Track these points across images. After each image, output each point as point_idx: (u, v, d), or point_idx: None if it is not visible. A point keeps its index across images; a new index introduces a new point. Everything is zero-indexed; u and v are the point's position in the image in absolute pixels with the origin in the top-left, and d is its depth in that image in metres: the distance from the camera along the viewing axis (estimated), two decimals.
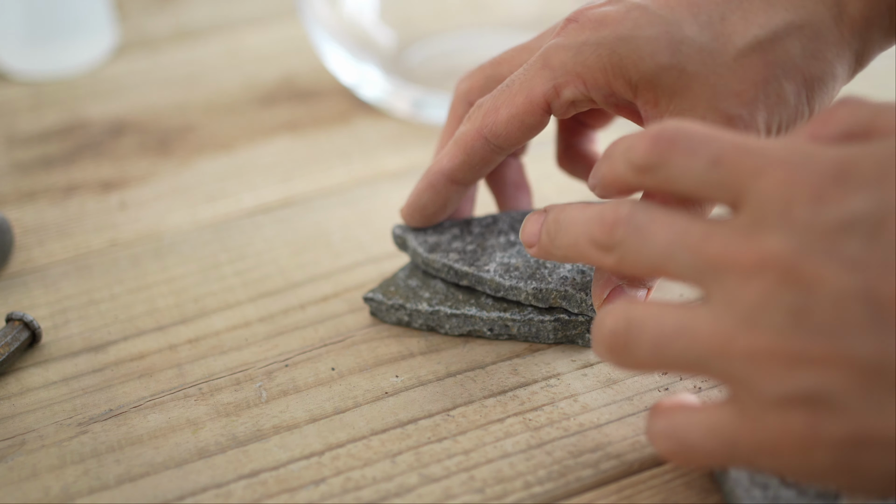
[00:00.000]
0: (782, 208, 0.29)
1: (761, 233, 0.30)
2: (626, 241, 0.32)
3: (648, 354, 0.31)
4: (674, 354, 0.31)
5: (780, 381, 0.29)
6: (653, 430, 0.33)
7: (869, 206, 0.29)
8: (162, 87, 0.63)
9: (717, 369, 0.30)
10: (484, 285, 0.41)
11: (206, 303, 0.45)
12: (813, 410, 0.29)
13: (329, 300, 0.45)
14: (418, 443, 0.38)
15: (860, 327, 0.28)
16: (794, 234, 0.29)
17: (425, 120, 0.58)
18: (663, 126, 0.32)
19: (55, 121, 0.59)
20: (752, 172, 0.30)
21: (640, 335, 0.31)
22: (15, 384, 0.41)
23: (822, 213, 0.29)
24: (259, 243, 0.49)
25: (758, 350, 0.29)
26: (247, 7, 0.72)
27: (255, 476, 0.36)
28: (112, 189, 0.53)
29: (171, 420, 0.39)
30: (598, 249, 0.33)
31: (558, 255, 0.36)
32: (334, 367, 0.41)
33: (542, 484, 0.36)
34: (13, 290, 0.47)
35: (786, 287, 0.29)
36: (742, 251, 0.30)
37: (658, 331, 0.31)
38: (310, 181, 0.53)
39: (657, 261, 0.31)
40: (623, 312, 0.32)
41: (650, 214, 0.32)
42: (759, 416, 0.29)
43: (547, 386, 0.40)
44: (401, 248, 0.44)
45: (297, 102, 0.60)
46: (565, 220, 0.35)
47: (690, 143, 0.31)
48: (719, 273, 0.30)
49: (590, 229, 0.33)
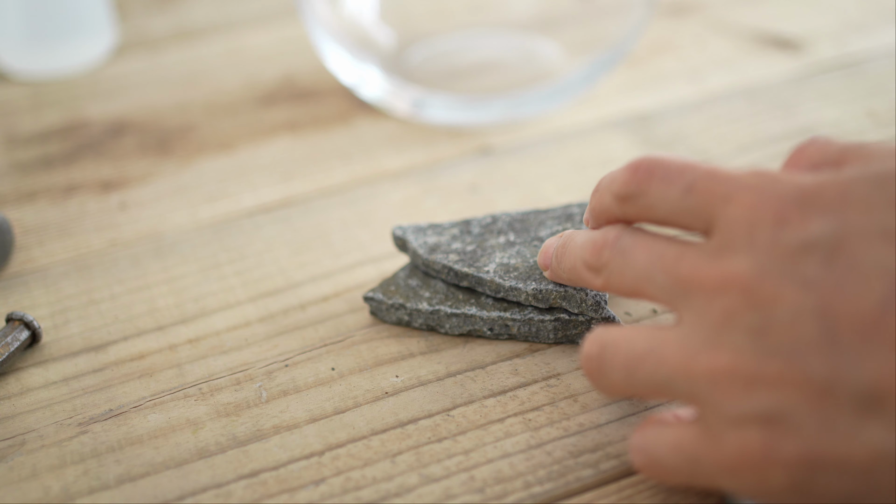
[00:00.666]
0: (747, 231, 0.30)
1: (726, 254, 0.30)
2: (612, 263, 0.34)
3: (621, 378, 0.32)
4: (643, 377, 0.32)
5: (739, 401, 0.29)
6: (631, 445, 0.34)
7: (828, 229, 0.29)
8: (162, 87, 0.63)
9: (682, 390, 0.31)
10: (484, 286, 0.41)
11: (206, 303, 0.45)
12: (769, 430, 0.29)
13: (329, 300, 0.45)
14: (418, 443, 0.38)
15: (814, 346, 0.29)
16: (756, 255, 0.30)
17: (425, 120, 0.58)
18: (642, 158, 0.34)
19: (55, 121, 0.59)
20: (723, 198, 0.31)
21: (612, 358, 0.33)
22: (15, 384, 0.41)
23: (783, 235, 0.30)
24: (259, 243, 0.49)
25: (718, 369, 0.30)
26: (247, 7, 0.72)
27: (255, 476, 0.36)
28: (112, 189, 0.53)
29: (171, 420, 0.39)
30: (589, 271, 0.35)
31: (564, 277, 0.38)
32: (334, 367, 0.41)
33: (542, 484, 0.36)
34: (13, 290, 0.47)
35: (747, 307, 0.30)
36: (708, 271, 0.31)
37: (629, 353, 0.32)
38: (310, 181, 0.53)
39: (638, 282, 0.33)
40: (599, 337, 0.33)
41: (634, 238, 0.34)
42: (719, 435, 0.30)
43: (547, 386, 0.40)
44: (401, 249, 0.44)
45: (297, 102, 0.60)
46: (569, 245, 0.37)
47: (667, 172, 0.33)
48: (688, 293, 0.31)
49: (583, 253, 0.35)
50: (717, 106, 0.58)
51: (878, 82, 0.59)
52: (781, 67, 0.61)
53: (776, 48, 0.63)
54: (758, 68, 0.61)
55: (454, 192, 0.52)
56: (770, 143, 0.54)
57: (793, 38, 0.64)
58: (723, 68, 0.61)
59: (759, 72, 0.61)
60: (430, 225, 0.45)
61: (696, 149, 0.54)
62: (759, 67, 0.61)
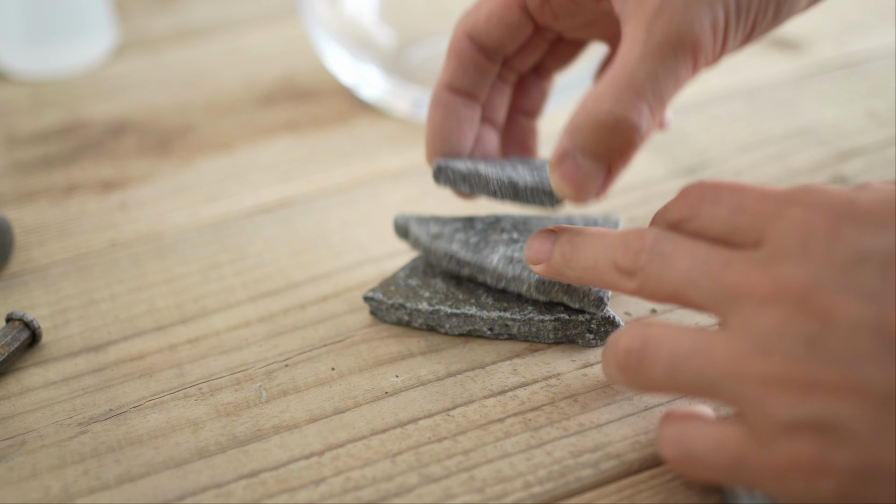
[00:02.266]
0: (800, 242, 0.31)
1: (779, 263, 0.31)
2: (649, 267, 0.33)
3: (662, 374, 0.32)
4: (687, 376, 0.32)
5: (792, 407, 0.29)
6: (662, 435, 0.33)
7: (882, 241, 0.30)
8: (162, 87, 0.63)
9: (730, 392, 0.31)
10: (486, 274, 0.41)
11: (206, 303, 0.45)
12: (822, 437, 0.29)
13: (329, 300, 0.45)
14: (418, 443, 0.38)
15: (872, 358, 0.29)
16: (810, 265, 0.30)
17: (425, 120, 0.58)
18: (692, 184, 0.35)
19: (55, 121, 0.59)
20: (773, 215, 0.32)
21: (655, 355, 0.32)
22: (15, 384, 0.41)
23: (837, 246, 0.30)
24: (259, 243, 0.49)
25: (772, 375, 0.30)
26: (247, 7, 0.72)
27: (255, 476, 0.36)
28: (112, 189, 0.53)
29: (171, 420, 0.39)
30: (619, 273, 0.34)
31: (572, 275, 0.37)
32: (334, 367, 0.41)
33: (542, 484, 0.36)
34: (13, 290, 0.47)
35: (801, 315, 0.30)
36: (760, 280, 0.31)
37: (674, 351, 0.32)
38: (310, 181, 0.53)
39: (678, 287, 0.33)
40: (640, 332, 0.33)
41: (674, 243, 0.33)
42: (768, 439, 0.30)
43: (547, 386, 0.40)
44: (402, 236, 0.44)
45: (297, 102, 0.60)
46: (582, 243, 0.36)
47: (716, 194, 0.33)
48: (737, 300, 0.31)
49: (613, 254, 0.35)
50: (717, 106, 0.58)
51: (878, 82, 0.59)
52: (781, 67, 0.61)
53: (776, 48, 0.63)
54: (758, 68, 0.61)
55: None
56: (770, 143, 0.54)
57: (793, 38, 0.64)
58: (723, 68, 0.61)
59: (759, 72, 0.61)
60: (432, 217, 0.45)
61: (696, 149, 0.54)
62: (759, 67, 0.61)
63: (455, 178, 0.42)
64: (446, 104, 0.42)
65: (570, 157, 0.36)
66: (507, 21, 0.40)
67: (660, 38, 0.34)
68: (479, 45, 0.41)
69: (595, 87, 0.35)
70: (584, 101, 0.36)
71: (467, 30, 0.41)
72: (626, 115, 0.34)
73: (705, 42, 0.35)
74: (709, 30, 0.34)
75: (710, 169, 0.52)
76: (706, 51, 0.35)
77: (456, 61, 0.42)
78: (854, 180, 0.51)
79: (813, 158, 0.53)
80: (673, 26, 0.34)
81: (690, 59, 0.34)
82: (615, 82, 0.34)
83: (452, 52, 0.42)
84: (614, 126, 0.34)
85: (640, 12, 0.35)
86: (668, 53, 0.34)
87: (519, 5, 0.40)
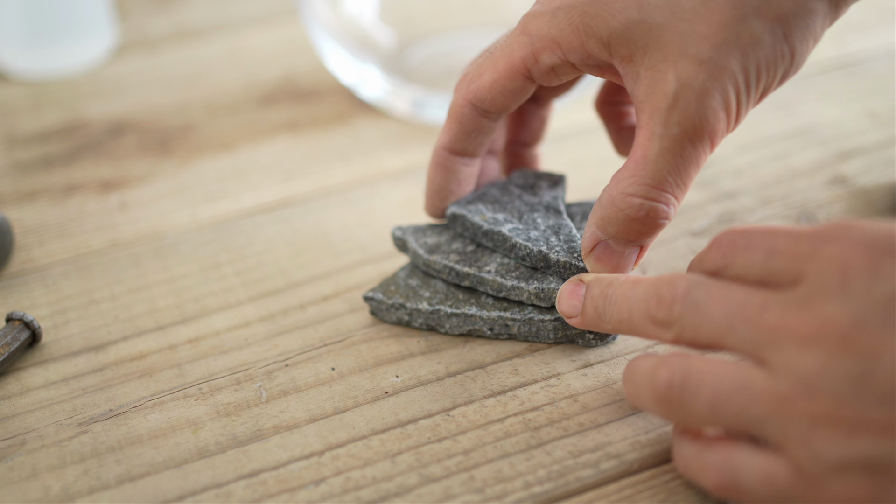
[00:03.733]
0: (839, 280, 0.30)
1: (818, 303, 0.30)
2: (685, 318, 0.33)
3: (705, 410, 0.32)
4: (731, 413, 0.31)
5: (841, 447, 0.29)
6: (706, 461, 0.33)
7: None
8: (162, 87, 0.63)
9: (776, 431, 0.31)
10: (486, 286, 0.41)
11: (206, 303, 0.45)
12: (873, 477, 0.29)
13: (329, 300, 0.45)
14: (418, 443, 0.38)
15: None
16: (851, 304, 0.30)
17: (425, 120, 0.58)
18: (723, 233, 0.34)
19: (55, 121, 0.59)
20: (808, 256, 0.31)
21: (697, 391, 0.32)
22: (15, 384, 0.41)
23: (878, 284, 0.30)
24: (259, 243, 0.49)
25: (818, 414, 0.30)
26: (247, 7, 0.72)
27: (255, 476, 0.37)
28: (112, 189, 0.53)
29: (171, 420, 0.39)
30: (655, 325, 0.34)
31: (608, 328, 0.37)
32: (334, 367, 0.41)
33: (542, 484, 0.36)
34: (13, 290, 0.47)
35: (845, 355, 0.30)
36: (800, 320, 0.30)
37: (717, 388, 0.32)
38: (310, 181, 0.53)
39: (716, 334, 0.32)
40: (681, 366, 0.33)
41: (706, 290, 0.33)
42: (818, 478, 0.30)
43: (547, 386, 0.40)
44: (401, 249, 0.44)
45: (297, 102, 0.60)
46: (615, 296, 0.36)
47: (749, 241, 0.33)
48: (777, 342, 0.31)
49: (646, 306, 0.34)
50: None
51: (878, 82, 0.59)
52: None
53: None
54: None
55: None
56: (770, 143, 0.54)
57: None
58: None
59: None
60: (429, 225, 0.45)
61: None
62: None
63: (475, 232, 0.43)
64: (447, 166, 0.43)
65: (604, 244, 0.39)
66: (511, 89, 0.41)
67: (676, 132, 0.36)
68: (482, 111, 0.42)
69: (619, 181, 0.37)
70: (609, 193, 0.38)
71: (469, 98, 0.41)
72: (655, 207, 0.37)
73: (720, 127, 0.36)
74: (722, 115, 0.36)
75: (710, 168, 0.52)
76: (722, 132, 0.37)
77: (458, 127, 0.42)
78: (854, 180, 0.51)
79: (813, 158, 0.53)
80: (688, 120, 0.36)
81: (708, 144, 0.36)
82: (639, 176, 0.37)
83: (454, 118, 0.42)
84: (644, 218, 0.37)
85: (654, 102, 0.36)
86: (686, 146, 0.36)
87: (523, 75, 0.40)
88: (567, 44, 0.38)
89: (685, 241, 0.47)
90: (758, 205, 0.50)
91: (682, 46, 0.36)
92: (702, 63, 0.35)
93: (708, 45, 0.36)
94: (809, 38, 0.37)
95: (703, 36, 0.36)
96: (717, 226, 0.48)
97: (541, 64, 0.39)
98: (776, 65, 0.36)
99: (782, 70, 0.37)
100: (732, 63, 0.36)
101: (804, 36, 0.36)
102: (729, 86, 0.36)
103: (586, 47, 0.38)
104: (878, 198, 0.50)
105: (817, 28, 0.37)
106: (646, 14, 0.36)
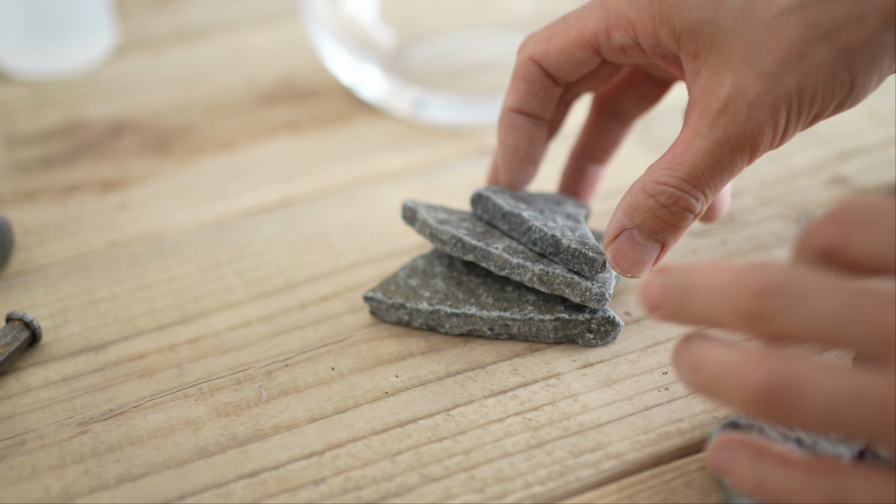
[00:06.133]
0: None
1: None
2: (783, 313, 0.29)
3: (816, 416, 0.29)
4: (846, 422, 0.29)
5: None
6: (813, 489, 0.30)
7: None
8: (162, 87, 0.63)
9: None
10: (490, 261, 0.41)
11: (206, 303, 0.45)
12: None
13: (329, 300, 0.45)
14: (418, 443, 0.38)
15: None
16: None
17: (425, 120, 0.58)
18: (838, 207, 0.30)
19: (55, 121, 0.59)
20: None
21: (807, 395, 0.29)
22: (15, 384, 0.41)
23: None
24: (259, 243, 0.49)
25: None
26: (247, 7, 0.72)
27: (255, 476, 0.37)
28: (112, 189, 0.53)
29: (171, 420, 0.39)
30: (742, 319, 0.30)
31: (689, 321, 0.33)
32: (334, 367, 0.41)
33: (542, 484, 0.36)
34: (13, 290, 0.47)
35: None
36: None
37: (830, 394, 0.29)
38: (310, 181, 0.53)
39: (825, 332, 0.29)
40: (778, 367, 0.29)
41: (806, 282, 0.29)
42: None
43: (547, 386, 0.40)
44: (409, 221, 0.44)
45: (297, 102, 0.61)
46: (693, 285, 0.32)
47: (869, 216, 0.30)
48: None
49: (729, 298, 0.30)
50: None
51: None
52: None
53: None
54: None
55: (454, 192, 0.52)
56: None
57: None
58: None
59: None
60: (441, 206, 0.45)
61: None
62: None
63: (494, 213, 0.43)
64: (518, 126, 0.43)
65: (628, 233, 0.39)
66: (578, 58, 0.41)
67: (721, 136, 0.36)
68: (547, 73, 0.42)
69: (653, 171, 0.37)
70: (641, 182, 0.38)
71: (536, 58, 0.42)
72: (686, 200, 0.37)
73: (763, 141, 0.36)
74: (769, 130, 0.36)
75: None
76: (764, 147, 0.37)
77: (525, 86, 0.42)
78: (854, 180, 0.51)
79: (813, 158, 0.53)
80: (735, 128, 0.36)
81: (748, 155, 0.37)
82: (674, 169, 0.37)
83: (520, 77, 0.42)
84: (672, 208, 0.37)
85: (706, 102, 0.36)
86: (727, 151, 0.36)
87: (593, 46, 0.40)
88: (641, 27, 0.38)
89: (685, 241, 0.47)
90: (758, 204, 0.50)
91: (747, 55, 0.36)
92: (761, 75, 0.36)
93: (771, 59, 0.36)
94: (874, 72, 0.36)
95: (770, 49, 0.36)
96: (717, 226, 0.48)
97: (612, 41, 0.40)
98: (833, 93, 0.36)
99: (839, 99, 0.36)
100: (790, 82, 0.36)
101: (868, 70, 0.36)
102: (782, 103, 0.36)
103: (658, 35, 0.38)
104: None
105: (884, 63, 0.36)
106: (720, 15, 0.37)
